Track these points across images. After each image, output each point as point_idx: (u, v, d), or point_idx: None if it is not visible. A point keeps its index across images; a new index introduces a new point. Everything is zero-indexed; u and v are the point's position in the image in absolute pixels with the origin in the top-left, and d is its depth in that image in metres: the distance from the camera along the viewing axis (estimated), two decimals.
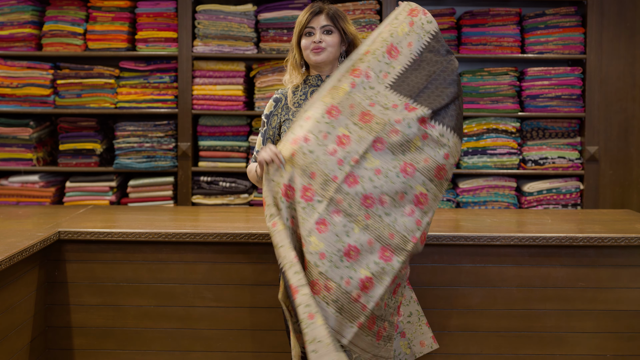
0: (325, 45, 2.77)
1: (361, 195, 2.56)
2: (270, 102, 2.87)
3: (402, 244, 2.59)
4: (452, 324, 3.24)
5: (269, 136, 2.84)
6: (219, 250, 3.23)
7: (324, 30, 2.77)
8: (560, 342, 3.24)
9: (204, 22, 4.71)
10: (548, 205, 4.71)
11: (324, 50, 2.77)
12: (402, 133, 2.61)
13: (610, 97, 4.74)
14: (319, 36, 2.77)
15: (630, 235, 3.16)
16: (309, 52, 2.78)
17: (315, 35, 2.77)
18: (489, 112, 4.74)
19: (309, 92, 2.82)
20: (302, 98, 2.82)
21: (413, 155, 2.63)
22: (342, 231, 2.54)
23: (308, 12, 2.80)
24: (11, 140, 4.72)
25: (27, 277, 3.05)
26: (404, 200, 2.61)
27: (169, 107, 4.75)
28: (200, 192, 4.75)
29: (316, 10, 2.79)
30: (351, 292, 2.53)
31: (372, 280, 2.55)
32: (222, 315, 3.24)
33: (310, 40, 2.77)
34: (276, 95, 2.87)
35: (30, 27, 4.71)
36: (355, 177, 2.57)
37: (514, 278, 3.23)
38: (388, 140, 2.60)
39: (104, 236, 3.21)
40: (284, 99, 2.85)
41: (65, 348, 3.26)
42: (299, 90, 2.85)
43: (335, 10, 2.81)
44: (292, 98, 2.83)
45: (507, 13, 4.77)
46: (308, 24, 2.78)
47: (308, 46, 2.78)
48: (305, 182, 2.56)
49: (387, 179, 2.59)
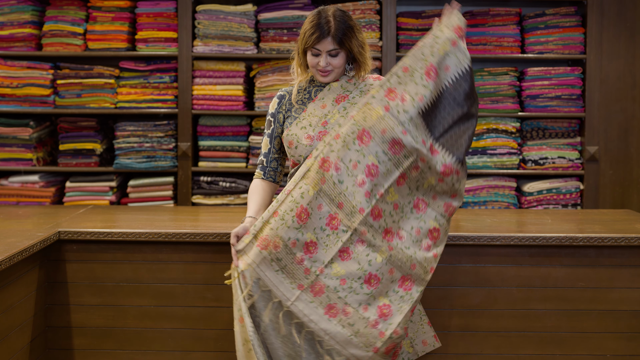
0: (331, 68, 2.72)
1: (383, 228, 2.62)
2: (275, 99, 2.85)
3: (422, 275, 2.67)
4: (452, 324, 3.24)
5: (277, 134, 2.82)
6: (219, 250, 3.23)
7: (330, 53, 2.70)
8: (560, 342, 3.24)
9: (204, 22, 4.71)
10: (548, 205, 4.71)
11: (330, 72, 2.73)
12: (422, 171, 2.66)
13: (610, 97, 4.74)
14: (324, 61, 2.69)
15: (630, 235, 3.16)
16: (316, 72, 2.74)
17: (322, 57, 2.69)
18: (489, 112, 4.74)
19: (313, 91, 2.80)
20: (306, 97, 2.80)
21: (425, 192, 2.70)
22: (365, 260, 2.58)
23: (313, 30, 2.67)
24: (11, 140, 4.72)
25: (27, 277, 3.05)
26: (420, 235, 2.68)
27: (169, 107, 4.75)
28: (200, 192, 4.75)
29: (324, 34, 2.65)
30: (369, 317, 2.58)
31: (391, 307, 2.60)
32: (222, 315, 3.24)
33: (317, 62, 2.71)
34: (280, 93, 2.85)
35: (30, 27, 4.71)
36: (380, 210, 2.61)
37: (513, 278, 3.23)
38: (409, 176, 2.65)
39: (104, 236, 3.21)
40: (287, 96, 2.83)
41: (65, 348, 3.26)
42: (303, 88, 2.83)
43: (343, 29, 2.67)
44: (296, 95, 2.81)
45: (507, 13, 4.77)
46: (314, 45, 2.68)
47: (314, 65, 2.72)
48: (333, 210, 2.58)
49: (402, 214, 2.66)
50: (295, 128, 2.76)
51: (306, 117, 2.76)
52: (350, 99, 2.76)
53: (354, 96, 2.77)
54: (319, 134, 2.72)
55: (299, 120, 2.76)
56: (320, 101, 2.77)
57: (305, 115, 2.76)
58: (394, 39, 4.70)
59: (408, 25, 4.74)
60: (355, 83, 2.80)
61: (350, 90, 2.78)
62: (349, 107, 2.74)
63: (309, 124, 2.74)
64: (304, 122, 2.75)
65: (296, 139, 2.74)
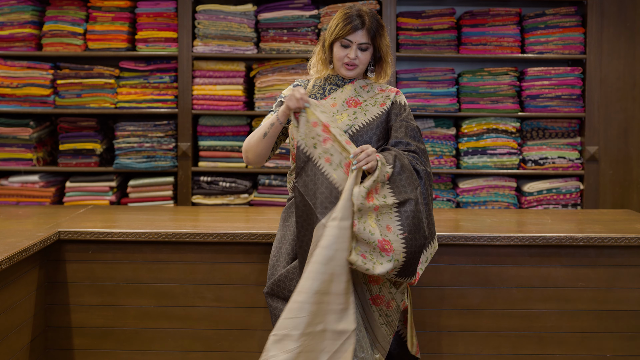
0: (358, 62, 2.72)
1: None
2: (291, 87, 2.82)
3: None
4: (452, 324, 3.24)
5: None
6: (219, 250, 3.23)
7: (360, 47, 2.70)
8: (560, 342, 3.24)
9: (204, 22, 4.71)
10: (548, 205, 4.71)
11: (356, 67, 2.73)
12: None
13: (610, 97, 4.74)
14: (354, 53, 2.70)
15: (630, 235, 3.17)
16: (341, 65, 2.73)
17: (352, 50, 2.70)
18: (489, 112, 4.74)
19: (327, 89, 2.78)
20: (320, 92, 2.79)
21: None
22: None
23: (350, 21, 2.68)
24: (11, 140, 4.72)
25: (27, 277, 3.05)
26: None
27: (169, 107, 4.75)
28: (200, 192, 4.75)
29: (358, 25, 2.68)
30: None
31: None
32: (222, 315, 3.24)
33: (345, 54, 2.70)
34: (297, 83, 2.83)
35: (30, 27, 4.71)
36: None
37: (513, 278, 3.23)
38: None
39: (104, 236, 3.21)
40: (303, 86, 2.82)
41: (65, 348, 3.27)
42: (318, 85, 2.81)
43: (376, 25, 2.70)
44: (310, 89, 2.80)
45: (507, 13, 4.77)
46: (346, 35, 2.68)
47: (341, 58, 2.71)
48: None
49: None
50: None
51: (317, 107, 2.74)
52: (363, 106, 2.75)
53: (367, 104, 2.76)
54: None
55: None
56: (331, 99, 2.76)
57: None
58: (394, 39, 4.70)
59: (408, 25, 4.75)
60: (370, 90, 2.79)
61: (364, 98, 2.77)
62: (359, 113, 2.74)
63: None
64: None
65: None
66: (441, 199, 4.73)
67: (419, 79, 4.75)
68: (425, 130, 4.75)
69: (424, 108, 4.72)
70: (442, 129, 4.76)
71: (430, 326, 3.23)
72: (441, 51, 4.75)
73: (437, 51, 4.75)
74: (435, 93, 4.73)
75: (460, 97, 4.76)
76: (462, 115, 4.74)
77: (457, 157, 4.79)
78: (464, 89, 4.75)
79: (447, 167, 4.74)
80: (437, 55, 4.74)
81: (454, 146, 4.77)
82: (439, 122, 4.78)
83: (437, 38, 4.74)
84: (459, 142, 4.78)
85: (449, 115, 4.73)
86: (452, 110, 4.73)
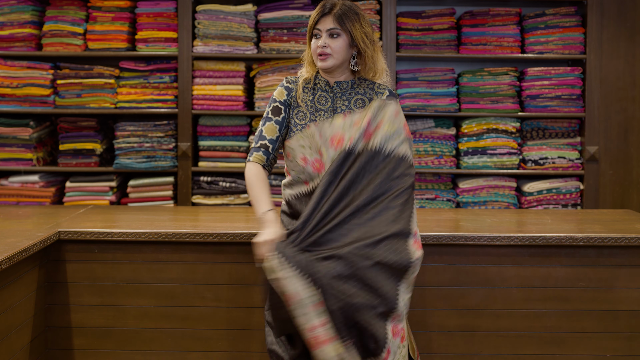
0: (330, 51, 2.63)
1: None
2: (282, 89, 2.73)
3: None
4: (452, 324, 3.24)
5: (287, 124, 2.71)
6: (219, 250, 3.23)
7: (329, 33, 2.63)
8: (560, 342, 3.24)
9: (204, 22, 4.71)
10: (548, 205, 4.71)
11: (329, 56, 2.64)
12: None
13: (610, 97, 4.74)
14: (323, 40, 2.62)
15: (630, 235, 3.17)
16: (315, 57, 2.67)
17: (321, 38, 2.63)
18: (489, 112, 4.74)
19: (317, 96, 2.71)
20: (310, 99, 2.72)
21: None
22: None
23: (317, 10, 2.65)
24: (11, 140, 4.72)
25: (27, 277, 3.05)
26: None
27: (169, 107, 4.75)
28: (200, 192, 4.75)
29: (325, 11, 2.63)
30: None
31: None
32: (222, 315, 3.24)
33: (316, 44, 2.65)
34: (288, 85, 2.74)
35: (30, 27, 4.71)
36: None
37: (513, 278, 3.23)
38: None
39: (104, 236, 3.21)
40: (294, 90, 2.73)
41: (65, 348, 3.27)
42: (308, 88, 2.73)
43: (345, 10, 2.63)
44: (301, 94, 2.72)
45: (507, 13, 4.77)
46: (315, 24, 2.64)
47: (315, 50, 2.66)
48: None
49: None
50: (294, 142, 2.69)
51: (307, 137, 2.67)
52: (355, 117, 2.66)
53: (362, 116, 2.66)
54: (314, 160, 2.66)
55: (300, 135, 2.68)
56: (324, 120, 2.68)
57: (308, 133, 2.67)
58: (394, 39, 4.70)
59: (408, 25, 4.75)
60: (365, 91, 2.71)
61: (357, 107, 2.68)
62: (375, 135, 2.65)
63: (309, 145, 2.67)
64: (304, 141, 2.67)
65: (292, 153, 2.69)
66: (441, 199, 4.74)
67: (419, 79, 4.75)
68: (425, 130, 4.75)
69: (424, 108, 4.72)
70: (442, 129, 4.76)
71: (430, 326, 3.23)
72: (441, 51, 4.75)
73: (437, 51, 4.75)
74: (435, 93, 4.73)
75: (460, 97, 4.76)
76: (462, 115, 4.74)
77: (457, 157, 4.79)
78: (464, 89, 4.76)
79: (447, 167, 4.74)
80: (437, 55, 4.74)
81: (454, 146, 4.77)
82: (439, 122, 4.78)
83: (437, 38, 4.74)
84: (459, 142, 4.78)
85: (449, 115, 4.74)
86: (452, 110, 4.73)
